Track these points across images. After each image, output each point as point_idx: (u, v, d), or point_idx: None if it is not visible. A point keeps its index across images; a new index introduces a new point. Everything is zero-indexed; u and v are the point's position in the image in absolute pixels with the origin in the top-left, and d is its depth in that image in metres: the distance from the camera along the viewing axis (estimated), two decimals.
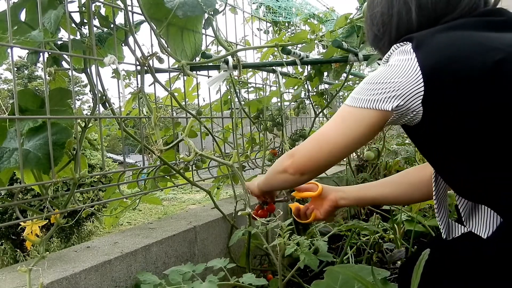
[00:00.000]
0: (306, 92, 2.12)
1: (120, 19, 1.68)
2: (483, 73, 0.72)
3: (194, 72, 1.61)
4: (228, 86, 1.86)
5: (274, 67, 2.02)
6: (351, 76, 2.16)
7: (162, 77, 1.66)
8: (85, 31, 1.19)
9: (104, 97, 1.21)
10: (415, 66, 0.76)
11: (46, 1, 1.12)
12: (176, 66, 1.49)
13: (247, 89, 2.10)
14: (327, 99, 2.16)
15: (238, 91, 1.91)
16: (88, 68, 1.19)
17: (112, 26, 1.26)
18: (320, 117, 2.23)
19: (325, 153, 0.86)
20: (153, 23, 1.32)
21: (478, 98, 0.72)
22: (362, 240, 2.00)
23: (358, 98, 0.82)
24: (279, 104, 2.00)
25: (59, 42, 1.15)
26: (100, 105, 1.21)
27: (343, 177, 2.59)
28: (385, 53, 0.87)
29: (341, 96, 2.52)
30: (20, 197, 1.44)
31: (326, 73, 1.95)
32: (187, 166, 1.57)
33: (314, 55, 1.96)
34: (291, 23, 2.38)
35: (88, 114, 1.25)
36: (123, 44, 1.34)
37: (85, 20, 1.18)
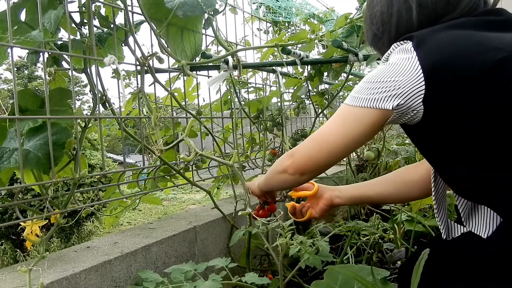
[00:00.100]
0: (306, 92, 2.12)
1: (120, 19, 1.68)
2: (483, 72, 0.72)
3: (194, 72, 1.61)
4: (228, 86, 1.86)
5: (274, 67, 2.02)
6: (351, 76, 2.16)
7: (162, 77, 1.67)
8: (85, 31, 1.19)
9: (104, 97, 1.21)
10: (416, 65, 0.75)
11: (46, 1, 1.12)
12: (176, 66, 1.49)
13: (247, 89, 2.10)
14: (328, 99, 2.16)
15: (238, 91, 1.91)
16: (88, 68, 1.19)
17: (112, 26, 1.26)
18: (320, 117, 2.23)
19: (325, 153, 0.86)
20: (153, 23, 1.32)
21: (478, 97, 0.72)
22: (362, 240, 1.99)
23: (358, 97, 0.82)
24: (279, 104, 2.00)
25: (59, 42, 1.15)
26: (100, 105, 1.21)
27: (343, 177, 2.59)
28: (384, 52, 0.87)
29: (341, 96, 2.52)
30: (20, 197, 1.44)
31: (326, 73, 1.95)
32: (187, 166, 1.57)
33: (314, 55, 1.96)
34: (291, 23, 2.38)
35: (88, 114, 1.25)
36: (123, 44, 1.34)
37: (85, 20, 1.18)
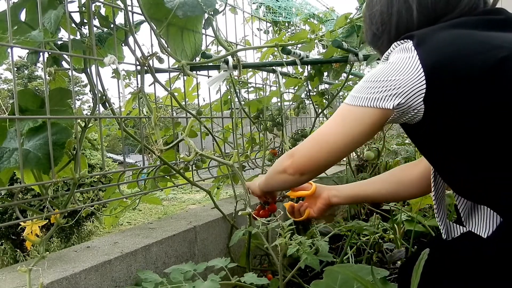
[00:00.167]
0: (306, 92, 2.12)
1: (120, 19, 1.68)
2: (483, 72, 0.72)
3: (194, 72, 1.61)
4: (228, 86, 1.86)
5: (274, 67, 2.02)
6: (351, 76, 2.16)
7: (162, 77, 1.67)
8: (85, 31, 1.19)
9: (104, 97, 1.21)
10: (416, 64, 0.75)
11: (46, 1, 1.12)
12: (176, 66, 1.49)
13: (247, 89, 2.10)
14: (328, 99, 2.16)
15: (238, 91, 1.91)
16: (88, 68, 1.19)
17: (112, 26, 1.26)
18: (320, 117, 2.23)
19: (324, 152, 0.86)
20: (153, 23, 1.32)
21: (478, 97, 0.72)
22: (362, 240, 1.99)
23: (358, 96, 0.81)
24: (279, 104, 2.00)
25: (59, 42, 1.15)
26: (100, 105, 1.21)
27: (343, 177, 2.58)
28: (384, 52, 0.86)
29: (341, 96, 2.52)
30: (20, 197, 1.44)
31: (326, 73, 1.95)
32: (187, 166, 1.57)
33: (314, 55, 1.96)
34: (291, 23, 2.38)
35: (88, 114, 1.25)
36: (123, 44, 1.34)
37: (85, 20, 1.18)
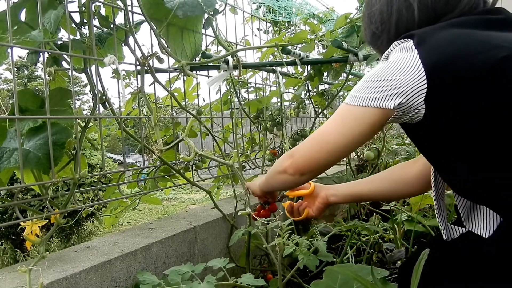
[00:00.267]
0: (306, 92, 2.12)
1: (120, 19, 1.68)
2: (483, 71, 0.71)
3: (194, 72, 1.61)
4: (228, 86, 1.86)
5: (274, 67, 2.02)
6: (351, 76, 2.16)
7: (162, 77, 1.67)
8: (85, 31, 1.19)
9: (104, 97, 1.21)
10: (417, 63, 0.74)
11: (46, 1, 1.12)
12: (176, 66, 1.49)
13: (247, 89, 2.10)
14: (328, 99, 2.16)
15: (238, 91, 1.91)
16: (88, 68, 1.19)
17: (112, 26, 1.26)
18: (320, 117, 2.23)
19: (324, 153, 0.86)
20: (153, 23, 1.32)
21: (478, 97, 0.72)
22: (362, 240, 1.99)
23: (358, 96, 0.81)
24: (279, 104, 2.00)
25: (59, 42, 1.15)
26: (100, 105, 1.21)
27: (343, 177, 2.59)
28: (383, 51, 0.86)
29: (341, 96, 2.52)
30: (20, 197, 1.44)
31: (326, 73, 1.95)
32: (187, 166, 1.57)
33: (314, 55, 1.96)
34: (291, 23, 2.38)
35: (88, 114, 1.25)
36: (123, 44, 1.34)
37: (85, 20, 1.18)
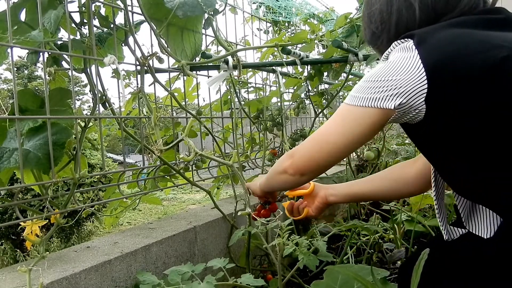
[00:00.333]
0: (306, 92, 2.12)
1: (120, 19, 1.68)
2: (483, 71, 0.71)
3: (194, 72, 1.61)
4: (228, 86, 1.86)
5: (274, 67, 2.02)
6: (351, 76, 2.16)
7: (162, 77, 1.67)
8: (85, 31, 1.19)
9: (104, 97, 1.21)
10: (418, 63, 0.74)
11: (46, 1, 1.12)
12: (176, 66, 1.49)
13: (247, 89, 2.10)
14: (327, 99, 2.16)
15: (238, 91, 1.91)
16: (88, 68, 1.19)
17: (112, 26, 1.26)
18: (320, 117, 2.23)
19: (324, 153, 0.86)
20: (153, 23, 1.32)
21: (478, 97, 0.72)
22: (362, 240, 1.99)
23: (358, 96, 0.81)
24: (279, 104, 2.00)
25: (59, 42, 1.15)
26: (100, 105, 1.21)
27: (343, 177, 2.59)
28: (383, 51, 0.86)
29: (341, 96, 2.52)
30: (20, 197, 1.44)
31: (326, 73, 1.95)
32: (187, 166, 1.57)
33: (314, 55, 1.96)
34: (291, 23, 2.38)
35: (88, 114, 1.25)
36: (123, 44, 1.34)
37: (85, 20, 1.18)
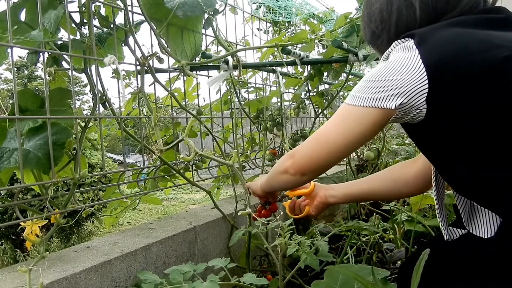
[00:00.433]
0: (306, 92, 2.12)
1: (120, 19, 1.68)
2: (483, 71, 0.71)
3: (194, 72, 1.61)
4: (228, 86, 1.86)
5: (274, 67, 2.02)
6: (351, 76, 2.16)
7: (162, 77, 1.67)
8: (85, 31, 1.19)
9: (104, 97, 1.21)
10: (418, 63, 0.74)
11: (46, 1, 1.12)
12: (176, 66, 1.49)
13: (247, 89, 2.10)
14: (328, 99, 2.16)
15: (238, 91, 1.91)
16: (88, 68, 1.19)
17: (112, 26, 1.26)
18: (320, 117, 2.23)
19: (325, 153, 0.86)
20: (153, 23, 1.32)
21: (478, 96, 0.72)
22: (362, 240, 1.99)
23: (358, 96, 0.81)
24: (279, 104, 2.00)
25: (59, 42, 1.15)
26: (100, 105, 1.21)
27: (343, 177, 2.59)
28: (383, 51, 0.86)
29: (341, 96, 2.52)
30: (20, 197, 1.44)
31: (326, 73, 1.95)
32: (187, 166, 1.57)
33: (314, 55, 1.96)
34: (291, 23, 2.38)
35: (88, 114, 1.25)
36: (123, 44, 1.34)
37: (85, 20, 1.18)
